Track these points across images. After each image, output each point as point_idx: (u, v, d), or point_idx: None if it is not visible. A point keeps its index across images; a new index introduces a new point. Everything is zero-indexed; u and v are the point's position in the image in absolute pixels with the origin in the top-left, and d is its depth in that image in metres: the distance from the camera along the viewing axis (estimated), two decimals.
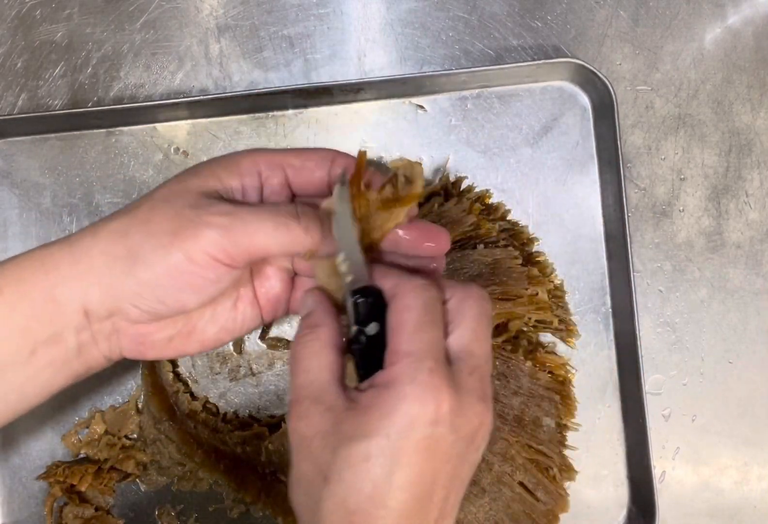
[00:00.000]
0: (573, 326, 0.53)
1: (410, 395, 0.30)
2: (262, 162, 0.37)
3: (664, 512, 0.51)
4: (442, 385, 0.31)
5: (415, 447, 0.30)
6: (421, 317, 0.32)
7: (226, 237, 0.33)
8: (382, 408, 0.30)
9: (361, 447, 0.30)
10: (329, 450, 0.31)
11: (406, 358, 0.31)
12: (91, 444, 0.52)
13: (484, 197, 0.53)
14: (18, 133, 0.53)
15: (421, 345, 0.31)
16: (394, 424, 0.30)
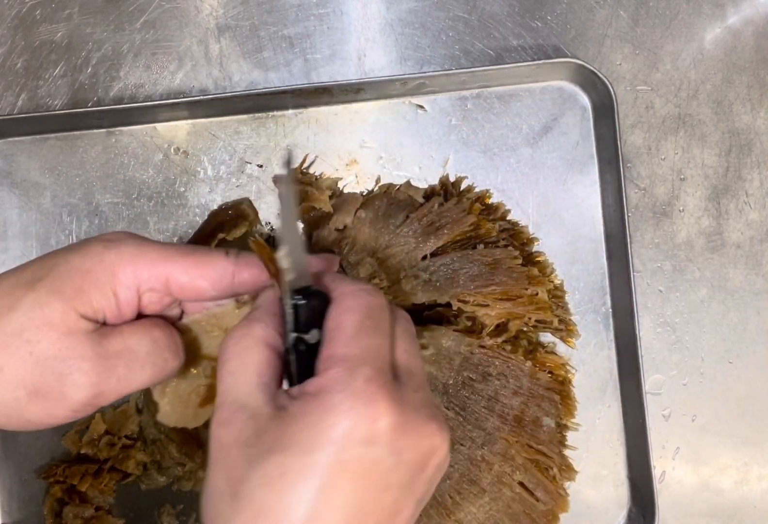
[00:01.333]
0: (573, 326, 0.53)
1: (340, 405, 0.26)
2: (143, 275, 0.32)
3: (664, 512, 0.51)
4: (379, 396, 0.26)
5: (343, 468, 0.25)
6: (363, 321, 0.28)
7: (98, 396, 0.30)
8: (307, 419, 0.26)
9: (277, 462, 0.26)
10: (245, 462, 0.26)
11: (340, 364, 0.27)
12: (91, 444, 0.52)
13: (484, 197, 0.53)
14: (18, 133, 0.53)
15: (359, 351, 0.28)
16: (318, 438, 0.26)
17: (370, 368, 0.27)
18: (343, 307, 0.29)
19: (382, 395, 0.26)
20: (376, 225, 0.50)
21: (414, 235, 0.50)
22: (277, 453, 0.26)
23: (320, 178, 0.53)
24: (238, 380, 0.29)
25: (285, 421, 0.27)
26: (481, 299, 0.48)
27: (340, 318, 0.29)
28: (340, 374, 0.27)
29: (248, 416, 0.27)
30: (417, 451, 0.27)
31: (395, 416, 0.26)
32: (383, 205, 0.51)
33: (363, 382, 0.26)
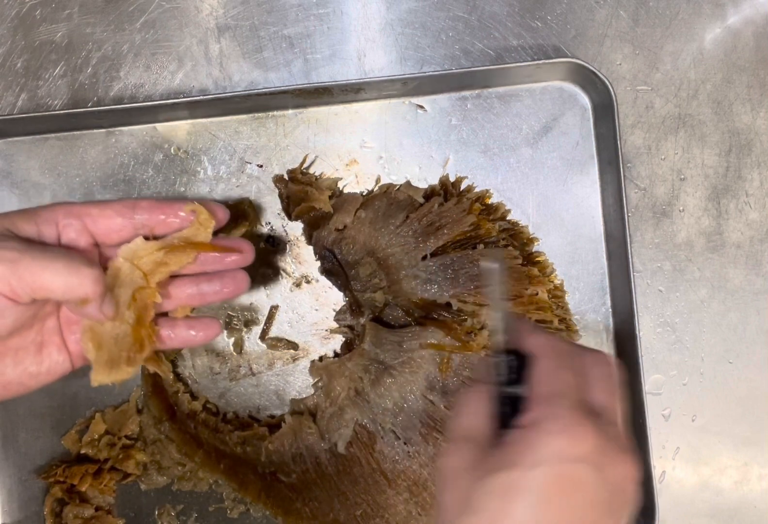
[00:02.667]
0: (573, 326, 0.53)
1: (553, 430, 0.31)
2: (60, 212, 0.39)
3: (664, 512, 0.51)
4: (584, 421, 0.31)
5: (558, 479, 0.30)
6: (559, 364, 0.33)
7: (12, 270, 0.34)
8: (524, 443, 0.31)
9: (502, 478, 0.30)
10: (473, 481, 0.31)
11: (546, 399, 0.32)
12: (91, 444, 0.52)
13: (484, 197, 0.53)
14: (18, 133, 0.53)
15: (560, 387, 0.32)
16: (535, 457, 0.30)
17: (570, 400, 0.32)
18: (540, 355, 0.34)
19: (584, 420, 0.31)
20: (376, 225, 0.50)
21: (414, 235, 0.50)
22: (500, 471, 0.30)
23: (320, 178, 0.53)
24: (472, 421, 0.35)
25: (505, 447, 0.31)
26: (481, 299, 0.48)
27: (540, 363, 0.34)
28: (546, 407, 0.32)
29: (474, 445, 0.33)
30: (617, 472, 0.31)
31: (598, 439, 0.30)
32: (383, 205, 0.51)
33: (567, 410, 0.31)
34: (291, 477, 0.50)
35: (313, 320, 0.53)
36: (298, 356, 0.53)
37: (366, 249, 0.50)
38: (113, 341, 0.40)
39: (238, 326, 0.53)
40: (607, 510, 0.31)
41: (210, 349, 0.53)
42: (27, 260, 0.35)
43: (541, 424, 0.31)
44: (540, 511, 0.30)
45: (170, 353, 0.53)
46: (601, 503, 0.30)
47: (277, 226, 0.54)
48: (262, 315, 0.53)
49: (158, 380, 0.52)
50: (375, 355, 0.48)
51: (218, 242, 0.42)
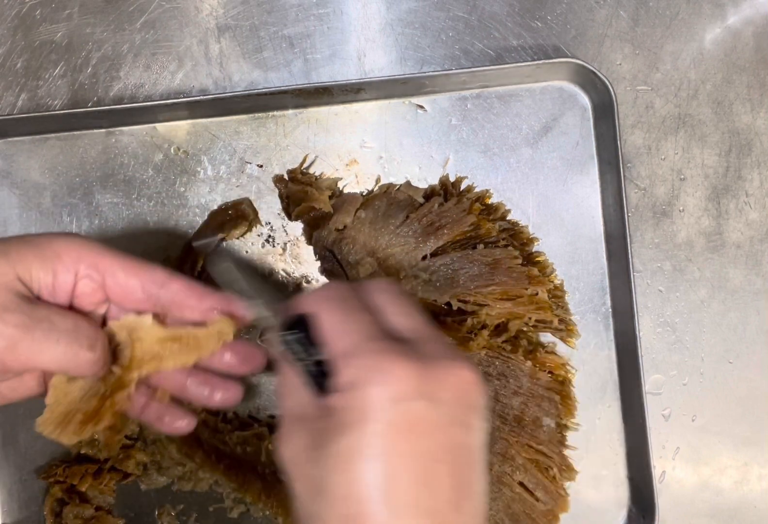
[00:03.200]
0: (573, 326, 0.53)
1: (367, 381, 0.28)
2: (85, 262, 0.35)
3: (664, 512, 0.51)
4: (393, 357, 0.28)
5: (394, 430, 0.28)
6: (336, 312, 0.31)
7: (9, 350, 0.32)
8: (347, 404, 0.29)
9: (340, 448, 0.28)
10: (314, 461, 0.29)
11: (344, 352, 0.30)
12: (91, 444, 0.52)
13: (484, 197, 0.53)
14: (18, 133, 0.53)
15: (352, 334, 0.30)
16: (363, 415, 0.28)
17: (363, 342, 0.29)
18: (317, 313, 0.32)
19: (394, 356, 0.28)
20: (376, 225, 0.50)
21: (414, 235, 0.50)
22: (332, 441, 0.28)
23: (320, 178, 0.53)
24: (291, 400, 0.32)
25: (330, 416, 0.29)
26: (481, 299, 0.48)
27: (325, 322, 0.31)
28: (345, 361, 0.29)
29: (302, 424, 0.31)
30: (451, 390, 0.29)
31: (412, 368, 0.28)
32: (383, 205, 0.51)
33: (372, 355, 0.29)
34: None
35: None
36: None
37: (366, 249, 0.50)
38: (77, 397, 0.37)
39: None
40: (461, 427, 0.29)
41: None
42: (27, 342, 0.32)
43: (354, 380, 0.29)
44: (388, 468, 0.27)
45: None
46: (449, 423, 0.29)
47: (277, 226, 0.54)
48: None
49: None
50: None
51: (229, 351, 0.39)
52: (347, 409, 0.28)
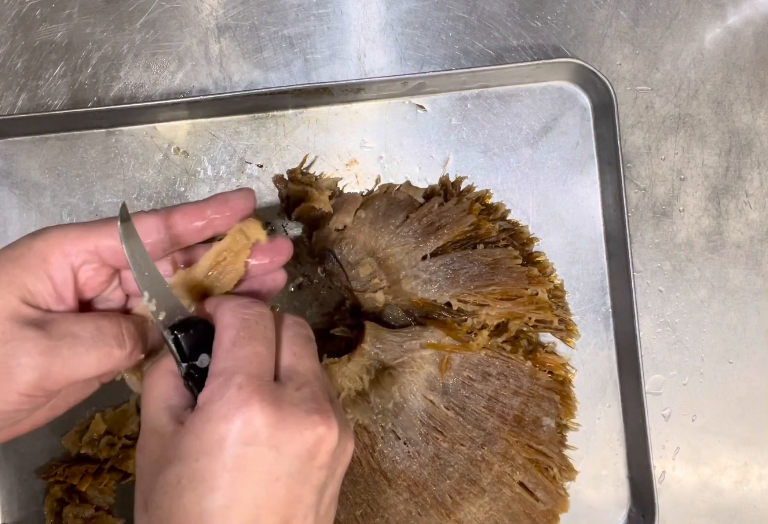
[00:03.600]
0: (573, 326, 0.53)
1: (216, 413, 0.29)
2: (73, 252, 0.33)
3: (664, 512, 0.51)
4: (252, 400, 0.29)
5: (227, 467, 0.28)
6: (237, 335, 0.31)
7: (45, 378, 0.31)
8: (194, 430, 0.29)
9: (174, 471, 0.29)
10: (152, 476, 0.29)
11: (217, 377, 0.30)
12: (91, 444, 0.52)
13: (484, 197, 0.53)
14: (18, 133, 0.53)
15: (234, 362, 0.30)
16: (203, 445, 0.29)
17: (242, 376, 0.30)
18: (221, 325, 0.32)
19: (254, 398, 0.29)
20: (376, 225, 0.50)
21: (414, 235, 0.50)
22: (173, 463, 0.29)
23: (320, 178, 0.53)
24: (150, 409, 0.32)
25: (180, 434, 0.30)
26: (482, 299, 0.48)
27: (219, 336, 0.32)
28: (216, 386, 0.30)
29: (158, 436, 0.31)
30: (299, 442, 0.29)
31: (269, 415, 0.29)
32: (383, 205, 0.51)
33: (235, 390, 0.29)
34: None
35: (313, 320, 0.53)
36: None
37: (366, 249, 0.50)
38: None
39: None
40: (299, 480, 0.30)
41: None
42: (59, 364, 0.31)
43: (209, 406, 0.29)
44: (211, 502, 0.28)
45: None
46: (288, 475, 0.29)
47: (277, 226, 0.54)
48: None
49: None
50: (375, 355, 0.48)
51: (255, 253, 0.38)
52: (193, 436, 0.29)
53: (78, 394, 0.37)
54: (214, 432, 0.29)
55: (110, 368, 0.34)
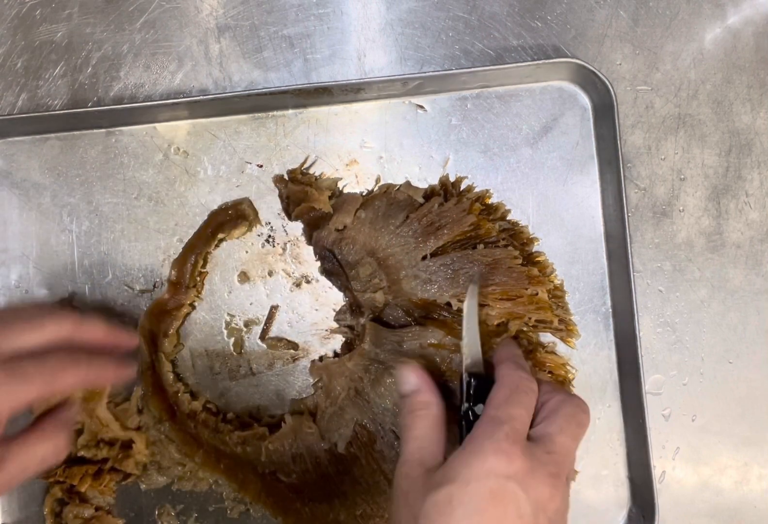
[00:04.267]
0: (573, 326, 0.53)
1: (487, 449, 0.36)
2: None
3: (664, 512, 0.51)
4: (515, 447, 0.36)
5: (490, 493, 0.35)
6: (512, 396, 0.39)
7: None
8: (463, 460, 0.36)
9: (444, 492, 0.35)
10: (421, 497, 0.36)
11: (488, 422, 0.37)
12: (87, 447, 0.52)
13: (483, 197, 0.53)
14: (18, 133, 0.53)
15: (504, 414, 0.38)
16: (471, 472, 0.35)
17: (510, 427, 0.37)
18: (499, 383, 0.40)
19: (517, 445, 0.36)
20: (376, 225, 0.50)
21: (414, 235, 0.50)
22: (443, 486, 0.36)
23: (320, 178, 0.53)
24: (425, 446, 0.39)
25: (448, 465, 0.37)
26: (482, 299, 0.48)
27: (496, 392, 0.40)
28: (486, 427, 0.37)
29: (425, 469, 0.38)
30: (541, 491, 0.36)
31: (524, 463, 0.36)
32: (383, 205, 0.51)
33: (504, 435, 0.36)
34: (291, 477, 0.50)
35: (313, 320, 0.53)
36: (298, 356, 0.53)
37: (366, 249, 0.50)
38: None
39: (237, 326, 0.53)
40: (533, 522, 0.35)
41: (210, 349, 0.53)
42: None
43: (477, 442, 0.36)
44: (477, 517, 0.34)
45: (170, 353, 0.53)
46: (527, 515, 0.35)
47: (277, 226, 0.54)
48: (262, 315, 0.53)
49: (158, 381, 0.52)
50: (375, 355, 0.48)
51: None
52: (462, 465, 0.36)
53: None
54: (485, 463, 0.35)
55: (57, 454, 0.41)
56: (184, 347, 0.53)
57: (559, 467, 0.37)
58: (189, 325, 0.53)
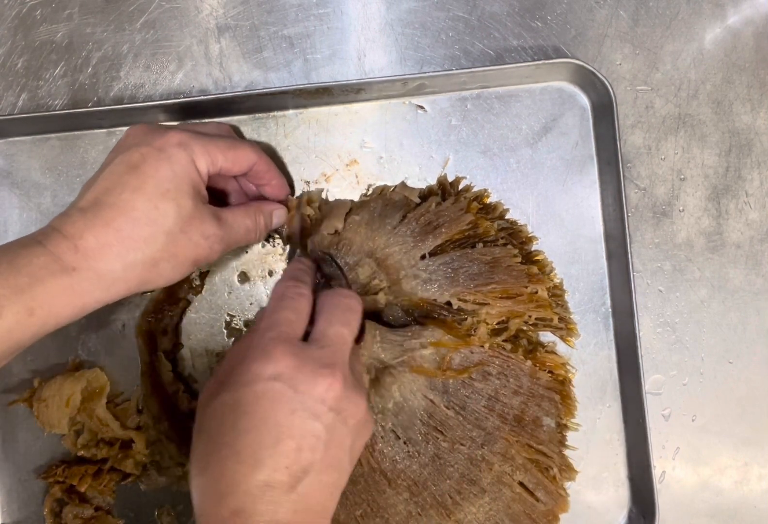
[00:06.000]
0: (573, 324, 0.53)
1: (251, 355, 0.38)
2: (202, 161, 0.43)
3: (664, 512, 0.51)
4: (278, 349, 0.38)
5: (255, 396, 0.36)
6: (276, 303, 0.41)
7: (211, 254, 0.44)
8: (237, 367, 0.38)
9: (219, 400, 0.37)
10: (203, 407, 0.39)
11: (254, 331, 0.40)
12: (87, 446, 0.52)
13: (482, 196, 0.53)
14: (18, 133, 0.53)
15: (268, 322, 0.40)
16: (240, 379, 0.37)
17: (273, 332, 0.39)
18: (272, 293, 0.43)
19: (280, 347, 0.38)
20: (372, 226, 0.50)
21: (412, 234, 0.50)
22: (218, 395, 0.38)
23: (303, 195, 0.53)
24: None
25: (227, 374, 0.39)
26: (482, 297, 0.48)
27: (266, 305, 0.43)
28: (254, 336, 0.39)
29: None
30: (311, 385, 0.37)
31: (292, 361, 0.37)
32: (378, 206, 0.51)
33: (267, 339, 0.39)
34: None
35: None
36: None
37: (364, 250, 0.50)
38: None
39: (237, 326, 0.53)
40: (312, 417, 0.37)
41: (210, 349, 0.53)
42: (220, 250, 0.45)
43: (246, 351, 0.39)
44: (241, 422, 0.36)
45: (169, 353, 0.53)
46: (303, 409, 0.36)
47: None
48: None
49: (158, 380, 0.52)
50: (375, 354, 0.48)
51: None
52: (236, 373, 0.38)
53: None
54: (249, 369, 0.37)
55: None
56: (184, 347, 0.53)
57: (333, 357, 0.39)
58: (189, 325, 0.54)
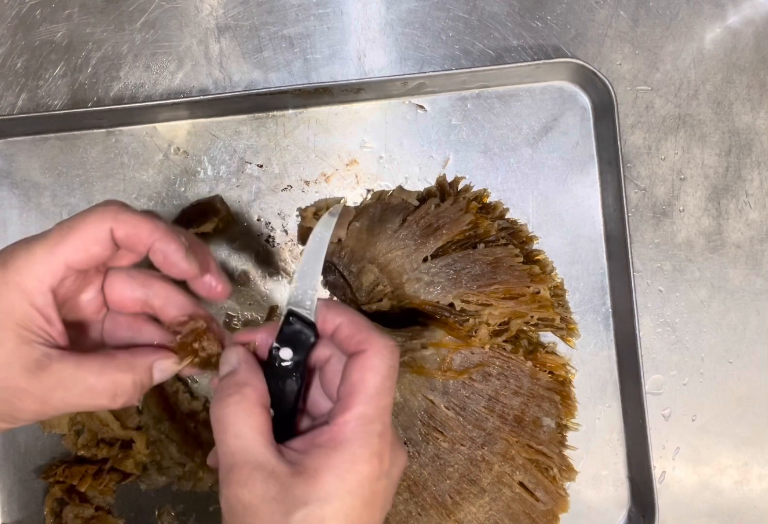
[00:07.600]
0: (574, 324, 0.52)
1: (362, 458, 0.31)
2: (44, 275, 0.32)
3: (664, 512, 0.51)
4: (386, 447, 0.32)
5: (363, 502, 0.31)
6: (384, 383, 0.33)
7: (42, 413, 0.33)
8: (335, 472, 0.31)
9: (317, 511, 0.30)
10: (280, 515, 0.30)
11: (359, 420, 0.32)
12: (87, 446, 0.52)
13: (481, 196, 0.53)
14: (18, 133, 0.53)
15: (376, 411, 0.32)
16: (347, 486, 0.31)
17: (381, 426, 0.32)
18: (369, 364, 0.33)
19: (387, 446, 0.32)
20: (373, 231, 0.50)
21: (413, 237, 0.50)
22: (314, 503, 0.30)
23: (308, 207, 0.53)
24: (248, 442, 0.31)
25: (310, 476, 0.31)
26: (485, 298, 0.48)
27: (366, 375, 0.32)
28: (358, 430, 0.32)
29: (267, 474, 0.31)
30: (398, 470, 0.34)
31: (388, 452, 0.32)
32: (377, 211, 0.51)
33: (377, 438, 0.32)
34: None
35: None
36: None
37: (366, 257, 0.50)
38: None
39: (238, 326, 0.53)
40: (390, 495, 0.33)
41: None
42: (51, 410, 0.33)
43: (349, 449, 0.31)
44: None
45: None
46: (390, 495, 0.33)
47: (277, 226, 0.54)
48: (262, 315, 0.53)
49: None
50: None
51: None
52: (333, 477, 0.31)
53: None
54: (360, 474, 0.31)
55: None
56: None
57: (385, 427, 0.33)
58: None
